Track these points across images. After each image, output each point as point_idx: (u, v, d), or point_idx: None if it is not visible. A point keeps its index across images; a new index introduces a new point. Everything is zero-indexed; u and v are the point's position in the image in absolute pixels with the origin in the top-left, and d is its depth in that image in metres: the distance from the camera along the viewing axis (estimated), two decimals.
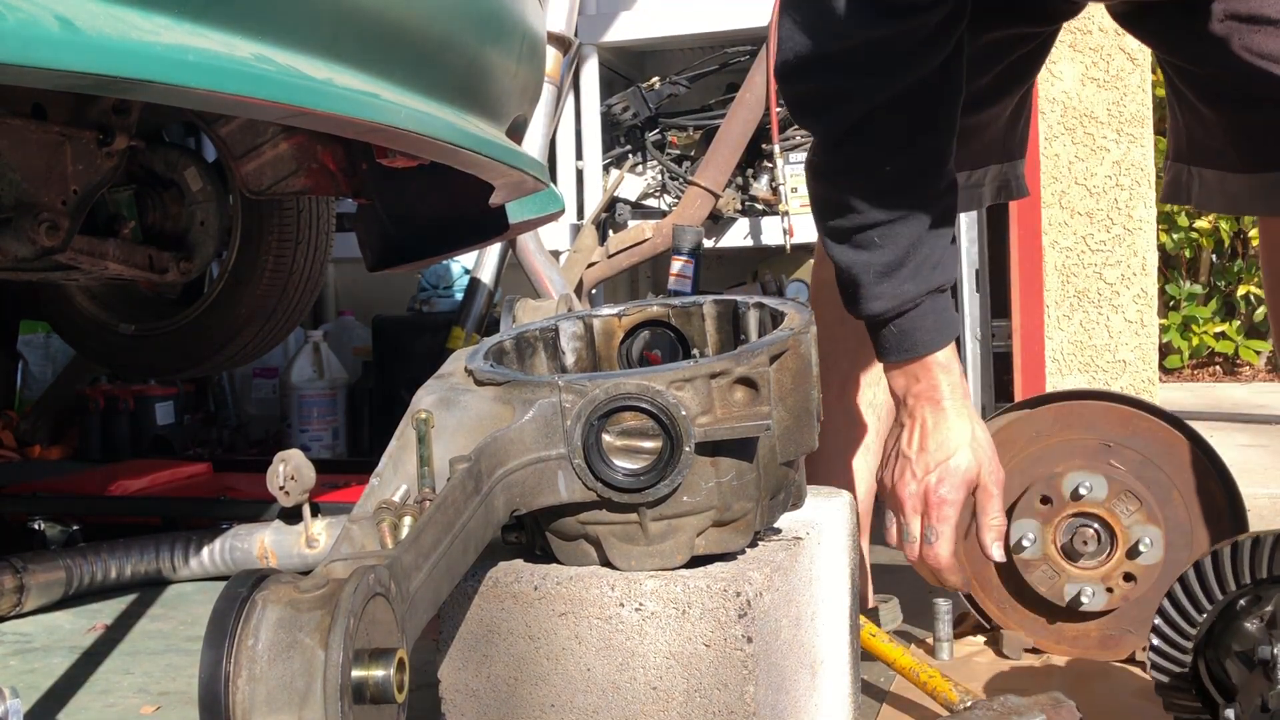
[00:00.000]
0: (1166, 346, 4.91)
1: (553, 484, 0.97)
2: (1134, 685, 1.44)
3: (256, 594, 0.70)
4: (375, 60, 1.40)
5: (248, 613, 0.69)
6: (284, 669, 0.67)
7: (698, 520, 0.98)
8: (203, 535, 2.09)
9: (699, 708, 0.94)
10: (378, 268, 2.22)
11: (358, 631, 0.68)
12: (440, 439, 0.96)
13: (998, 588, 1.57)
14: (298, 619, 0.68)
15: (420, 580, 0.81)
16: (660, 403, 0.94)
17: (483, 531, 0.91)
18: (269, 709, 0.67)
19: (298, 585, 0.71)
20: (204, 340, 2.63)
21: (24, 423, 3.39)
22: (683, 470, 0.94)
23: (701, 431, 0.95)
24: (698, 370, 0.96)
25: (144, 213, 2.42)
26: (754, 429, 0.96)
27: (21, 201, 1.72)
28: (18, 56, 0.91)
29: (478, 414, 0.98)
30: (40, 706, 1.52)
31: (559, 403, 0.96)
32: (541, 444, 0.96)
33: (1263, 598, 1.02)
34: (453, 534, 0.86)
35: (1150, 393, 2.65)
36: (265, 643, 0.68)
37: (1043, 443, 1.55)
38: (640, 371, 0.97)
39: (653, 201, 3.59)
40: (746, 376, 0.97)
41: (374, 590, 0.71)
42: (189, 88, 1.10)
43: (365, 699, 0.69)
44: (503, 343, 1.11)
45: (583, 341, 1.17)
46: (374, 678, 0.69)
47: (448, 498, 0.86)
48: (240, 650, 0.68)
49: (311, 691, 0.66)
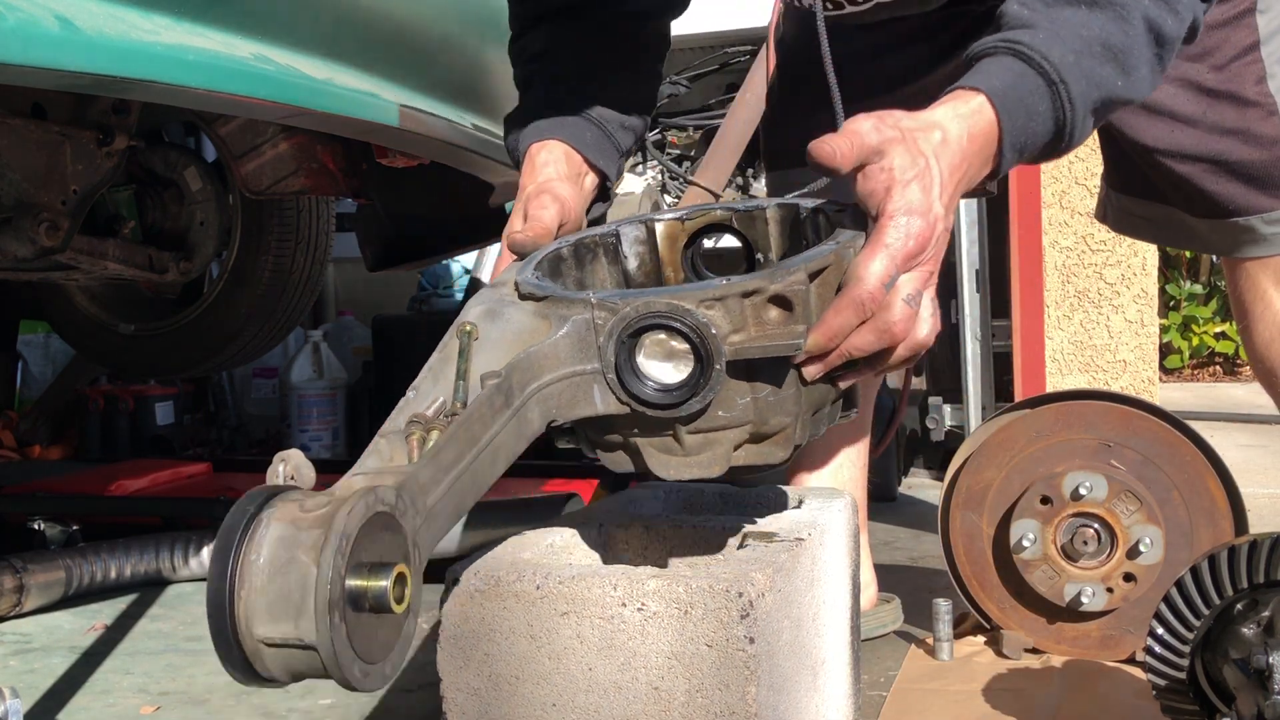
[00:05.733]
0: (1167, 346, 4.91)
1: (588, 397, 0.97)
2: (1134, 685, 1.44)
3: (264, 511, 0.75)
4: (375, 60, 1.40)
5: (254, 529, 0.74)
6: (282, 583, 0.72)
7: (734, 434, 0.98)
8: (203, 535, 2.09)
9: (700, 708, 0.94)
10: (378, 268, 2.22)
11: (357, 548, 0.73)
12: (481, 352, 0.96)
13: (998, 588, 1.57)
14: (297, 537, 0.73)
15: (439, 494, 0.84)
16: (690, 322, 0.93)
17: (514, 444, 0.93)
18: (269, 619, 0.72)
19: (303, 504, 0.76)
20: (204, 340, 2.63)
21: (24, 423, 3.39)
22: (714, 388, 0.94)
23: (732, 350, 0.94)
24: (730, 289, 0.94)
25: (144, 212, 2.42)
26: (785, 348, 0.95)
27: (21, 201, 1.72)
28: (18, 56, 0.91)
29: (518, 328, 0.98)
30: (40, 706, 1.52)
31: (592, 319, 0.96)
32: (576, 359, 0.97)
33: (1260, 602, 1.02)
34: (478, 448, 0.88)
35: (1150, 393, 2.66)
36: (266, 558, 0.73)
37: (1043, 443, 1.55)
38: (671, 290, 0.96)
39: None
40: (781, 295, 0.95)
41: (373, 509, 0.75)
42: (189, 87, 1.10)
43: (363, 609, 0.74)
44: (560, 249, 1.10)
45: (645, 246, 1.15)
46: (371, 588, 0.73)
47: (473, 413, 0.88)
48: (244, 564, 0.73)
49: (304, 605, 0.71)
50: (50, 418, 3.42)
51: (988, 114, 1.02)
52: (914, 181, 0.96)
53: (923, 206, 0.96)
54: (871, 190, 0.97)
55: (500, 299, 1.01)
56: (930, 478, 2.96)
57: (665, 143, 3.58)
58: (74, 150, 1.74)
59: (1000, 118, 1.02)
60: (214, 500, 2.30)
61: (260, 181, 1.99)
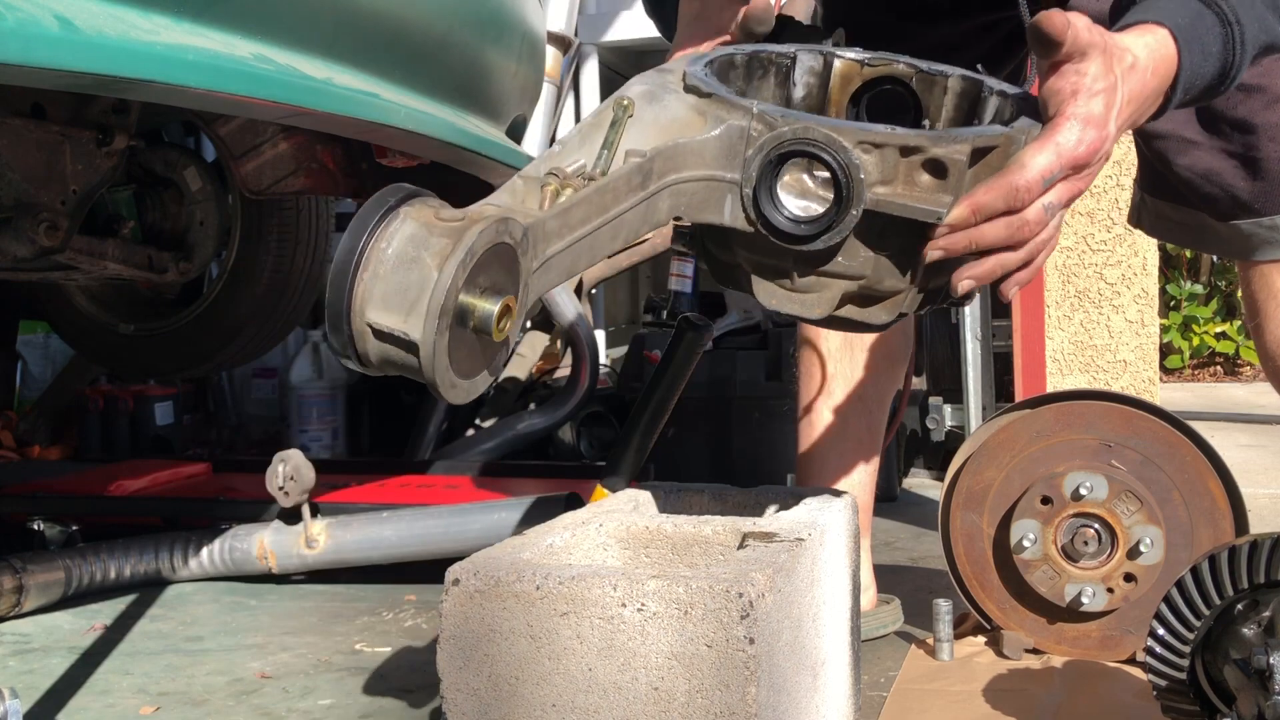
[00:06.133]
0: (1167, 346, 4.91)
1: (719, 205, 0.96)
2: (1135, 686, 1.44)
3: (403, 206, 0.77)
4: (375, 60, 1.40)
5: (389, 220, 0.76)
6: (403, 277, 0.75)
7: (846, 284, 0.97)
8: (202, 535, 2.09)
9: (700, 708, 0.94)
10: None
11: (477, 267, 0.75)
12: (632, 129, 0.95)
13: (998, 588, 1.57)
14: (427, 239, 0.75)
15: (559, 248, 0.85)
16: (842, 158, 0.91)
17: (639, 225, 0.93)
18: (383, 306, 0.75)
19: (439, 212, 0.77)
20: (204, 340, 2.63)
21: (23, 423, 3.39)
22: (843, 232, 0.92)
23: (874, 200, 0.92)
24: (890, 138, 0.92)
25: (143, 212, 2.42)
26: (926, 213, 0.93)
27: (21, 201, 1.72)
28: (18, 56, 0.91)
29: (673, 116, 0.97)
30: (40, 707, 1.52)
31: (747, 129, 0.94)
32: (720, 164, 0.95)
33: (1260, 602, 1.02)
34: (605, 217, 0.89)
35: (1151, 393, 2.65)
36: (394, 250, 0.75)
37: (1043, 443, 1.55)
38: (833, 121, 0.94)
39: None
40: (939, 159, 0.93)
41: (500, 237, 0.77)
42: (188, 87, 1.10)
43: (467, 325, 0.76)
44: (734, 56, 1.08)
45: (817, 79, 1.12)
46: (480, 308, 0.76)
47: (609, 183, 0.89)
48: (373, 250, 0.75)
49: (419, 303, 0.74)
50: (50, 418, 3.42)
51: (1170, 49, 1.01)
52: (1101, 94, 0.96)
53: (1100, 120, 0.96)
54: (1058, 89, 0.96)
55: (664, 84, 1.00)
56: (930, 478, 2.96)
57: None
58: (74, 150, 1.74)
59: (1181, 54, 1.01)
60: (214, 500, 2.30)
61: (260, 181, 1.99)
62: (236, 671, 1.65)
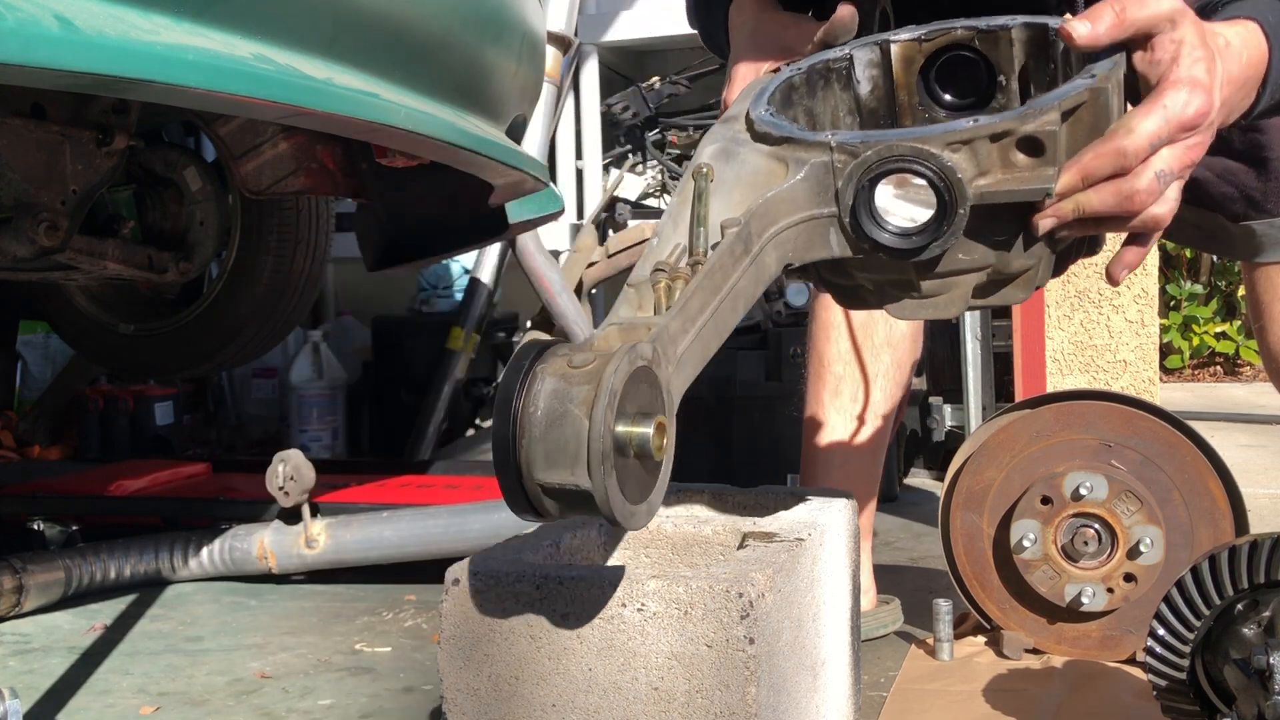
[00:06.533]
0: (1167, 346, 4.91)
1: (824, 241, 0.96)
2: (1135, 686, 1.44)
3: (536, 366, 0.81)
4: (374, 60, 1.40)
5: (530, 383, 0.80)
6: (558, 434, 0.78)
7: (974, 277, 0.97)
8: (202, 535, 2.09)
9: (700, 709, 0.94)
10: (378, 268, 2.22)
11: (622, 400, 0.78)
12: (718, 194, 0.96)
13: (998, 588, 1.57)
14: (569, 391, 0.79)
15: (687, 343, 0.88)
16: (935, 165, 0.90)
17: (753, 289, 0.94)
18: (547, 466, 0.78)
19: (570, 359, 0.81)
20: (204, 340, 2.63)
21: (23, 423, 3.39)
22: (955, 233, 0.91)
23: (978, 194, 0.91)
24: (977, 131, 0.91)
25: (143, 212, 2.42)
26: (1033, 193, 0.92)
27: (21, 201, 1.72)
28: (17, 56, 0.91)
29: (754, 169, 0.97)
30: (39, 707, 1.52)
31: (830, 163, 0.94)
32: (813, 203, 0.95)
33: (1260, 602, 1.02)
34: (720, 296, 0.91)
35: (1151, 393, 2.65)
36: (543, 411, 0.79)
37: (1043, 443, 1.55)
38: (915, 132, 0.94)
39: (653, 201, 3.60)
40: (1032, 136, 0.91)
41: (635, 364, 0.80)
42: (188, 87, 1.09)
43: (629, 455, 0.80)
44: (792, 78, 1.07)
45: (879, 70, 1.10)
46: (635, 436, 0.79)
47: (716, 263, 0.90)
48: (524, 416, 0.79)
49: (579, 455, 0.77)
50: (50, 418, 3.42)
51: (1260, 43, 0.99)
52: (1201, 60, 0.94)
53: (1205, 85, 0.93)
54: (1157, 59, 0.94)
55: (734, 137, 1.00)
56: (930, 478, 2.96)
57: (665, 143, 3.58)
58: (73, 150, 1.74)
59: (1271, 49, 0.99)
60: (214, 500, 2.30)
61: (260, 181, 1.98)
62: (236, 671, 1.65)
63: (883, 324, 1.69)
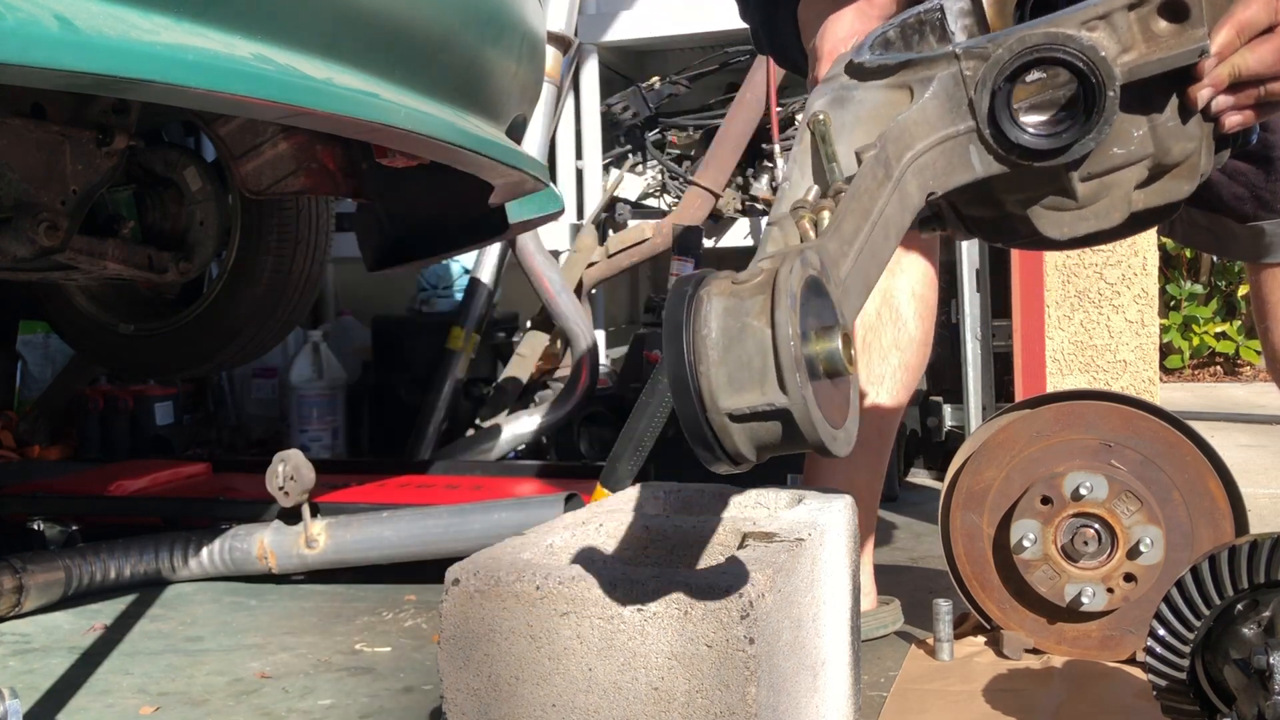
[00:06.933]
0: (1167, 346, 4.91)
1: (965, 161, 0.91)
2: (1135, 686, 1.44)
3: (700, 290, 0.73)
4: (374, 60, 1.40)
5: (696, 307, 0.72)
6: (739, 352, 0.70)
7: (1133, 172, 0.91)
8: (202, 535, 2.09)
9: (700, 708, 0.94)
10: (378, 268, 2.22)
11: (802, 311, 0.71)
12: (841, 136, 0.90)
13: (998, 588, 1.57)
14: (742, 305, 0.71)
15: (848, 267, 0.81)
16: (1074, 48, 0.85)
17: (900, 217, 0.88)
18: (733, 390, 0.70)
19: (734, 278, 0.74)
20: (204, 340, 2.63)
21: (23, 423, 3.39)
22: (1108, 120, 0.86)
23: (1126, 71, 0.86)
24: (1112, 4, 0.85)
25: (143, 212, 2.42)
26: (1187, 55, 0.86)
27: (21, 201, 1.72)
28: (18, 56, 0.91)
29: (873, 105, 0.92)
30: (40, 706, 1.52)
31: (959, 72, 0.89)
32: (948, 120, 0.90)
33: (1260, 602, 1.02)
34: (870, 220, 0.84)
35: (1151, 393, 2.65)
36: (717, 330, 0.71)
37: (1043, 443, 1.55)
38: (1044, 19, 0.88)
39: (653, 201, 3.60)
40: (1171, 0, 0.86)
41: (808, 270, 0.73)
42: (188, 87, 1.10)
43: (819, 374, 0.71)
44: (886, 33, 1.02)
45: (972, 17, 1.05)
46: (823, 351, 0.71)
47: (859, 185, 0.84)
48: (697, 341, 0.71)
49: (767, 366, 0.69)
50: (50, 418, 3.42)
51: None
52: None
53: None
54: None
55: (842, 85, 0.95)
56: (930, 478, 2.96)
57: (665, 143, 3.58)
58: (73, 150, 1.74)
59: None
60: (214, 500, 2.30)
61: (260, 181, 1.98)
62: (236, 671, 1.65)
63: (891, 327, 1.69)
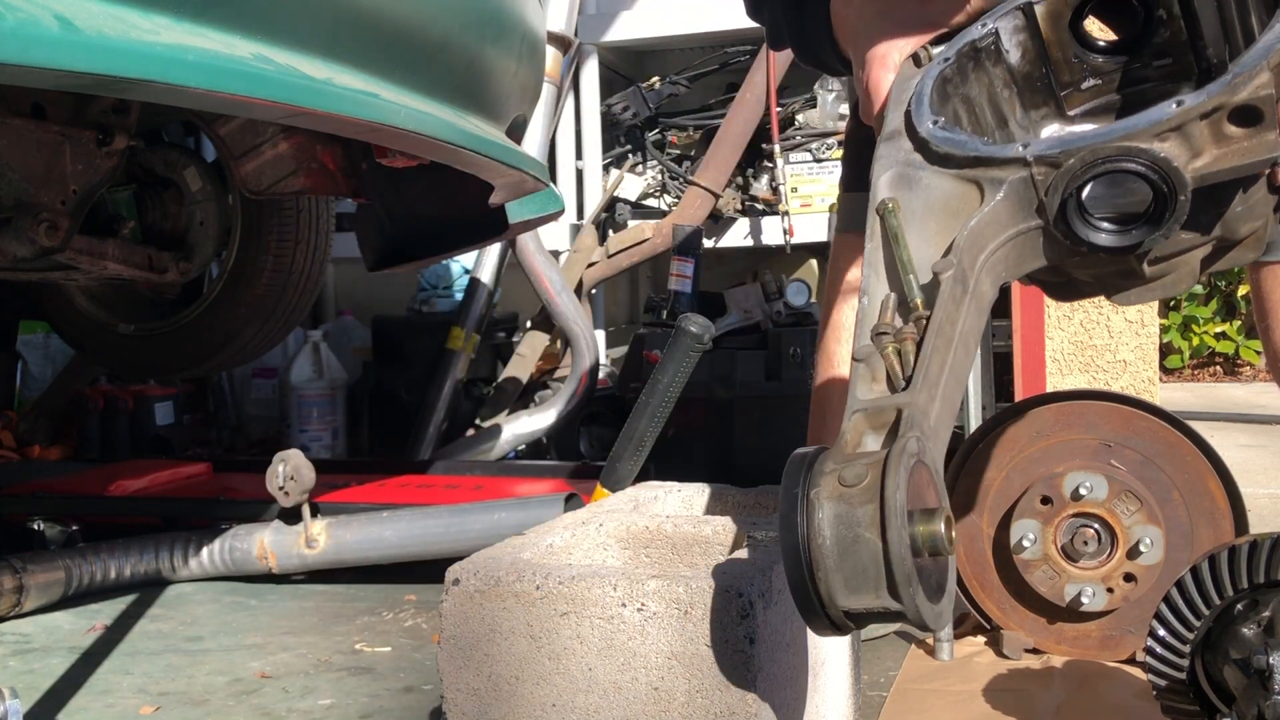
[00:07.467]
0: (1167, 346, 4.91)
1: (1035, 251, 0.92)
2: (1134, 686, 1.44)
3: (810, 493, 0.79)
4: (375, 60, 1.40)
5: (810, 513, 0.78)
6: (854, 561, 0.76)
7: (1201, 250, 0.93)
8: (202, 535, 2.09)
9: (700, 708, 0.94)
10: (378, 268, 2.22)
11: (909, 512, 0.76)
12: (910, 227, 0.92)
13: (998, 588, 1.57)
14: (853, 514, 0.77)
15: (937, 410, 0.85)
16: (1146, 160, 0.86)
17: (978, 323, 0.91)
18: (850, 593, 0.77)
19: (843, 477, 0.79)
20: (204, 340, 2.63)
21: (23, 423, 3.39)
22: (1179, 220, 0.87)
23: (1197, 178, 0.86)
24: (1186, 114, 0.86)
25: (143, 213, 2.42)
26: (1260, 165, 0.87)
27: (21, 201, 1.72)
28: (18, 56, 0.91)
29: (944, 196, 0.93)
30: (40, 706, 1.52)
31: (1030, 177, 0.90)
32: (1019, 219, 0.91)
33: (1260, 602, 1.02)
34: (954, 346, 0.88)
35: (1151, 393, 2.65)
36: (831, 540, 0.77)
37: (1043, 443, 1.55)
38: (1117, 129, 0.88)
39: (653, 201, 3.59)
40: (1245, 106, 0.86)
41: (910, 464, 0.78)
42: (188, 87, 1.10)
43: (921, 554, 0.77)
44: (944, 70, 1.02)
45: (1026, 34, 1.05)
46: (927, 535, 0.77)
47: (943, 316, 0.86)
48: (815, 549, 0.77)
49: (880, 579, 0.76)
50: (50, 418, 3.42)
51: None
52: None
53: None
54: None
55: (908, 161, 0.95)
56: None
57: (665, 143, 3.58)
58: (74, 150, 1.74)
59: None
60: (214, 500, 2.30)
61: (260, 181, 1.98)
62: (236, 671, 1.65)
63: None
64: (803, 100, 3.40)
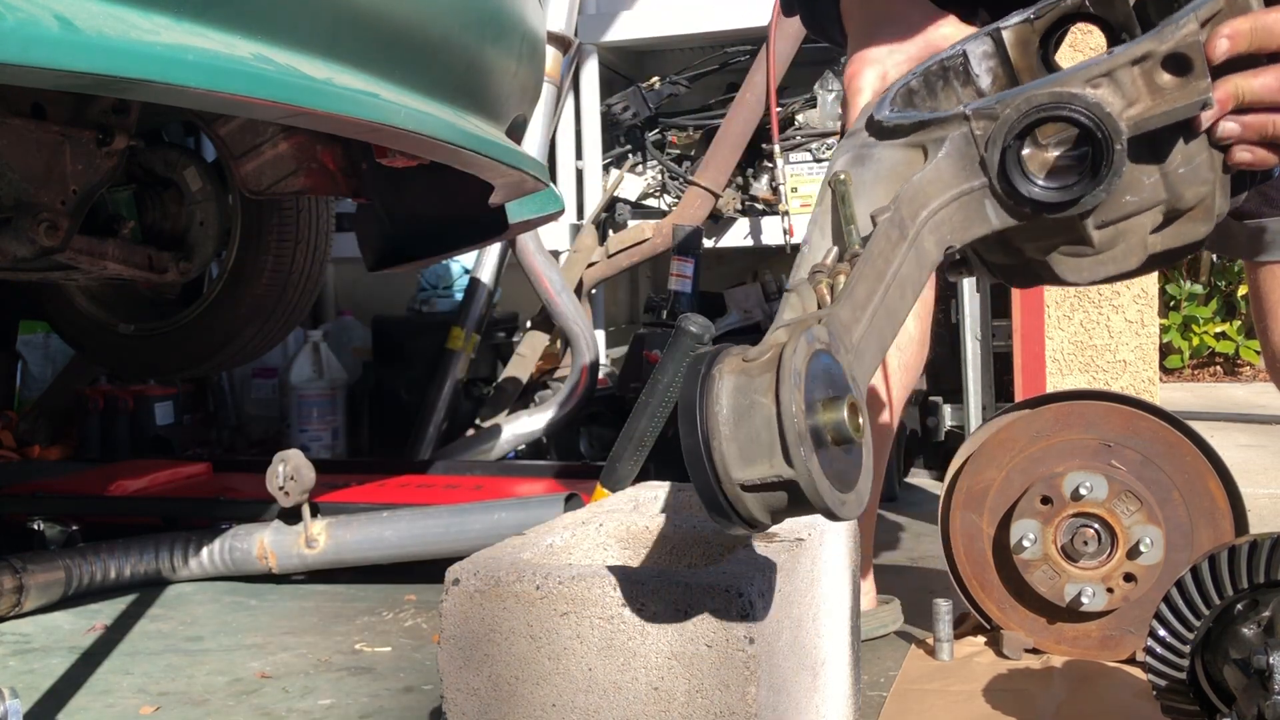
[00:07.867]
0: (1167, 346, 4.92)
1: (981, 215, 0.94)
2: (1134, 686, 1.44)
3: (713, 368, 0.78)
4: (375, 60, 1.40)
5: (708, 385, 0.77)
6: (749, 428, 0.75)
7: (1147, 218, 0.93)
8: (202, 535, 2.09)
9: (700, 708, 0.94)
10: (378, 268, 2.22)
11: (806, 384, 0.75)
12: (860, 196, 0.94)
13: (998, 588, 1.57)
14: (751, 383, 0.76)
15: (861, 331, 0.85)
16: (1080, 105, 0.88)
17: (917, 274, 0.91)
18: (744, 463, 0.75)
19: (745, 355, 0.79)
20: (204, 340, 2.64)
21: (23, 423, 3.39)
22: (1117, 171, 0.88)
23: (1131, 124, 0.88)
24: (1116, 61, 0.88)
25: (143, 213, 2.42)
26: (1191, 108, 0.88)
27: (21, 201, 1.72)
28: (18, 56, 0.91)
29: (891, 163, 0.95)
30: (40, 706, 1.52)
31: (970, 132, 0.92)
32: (962, 177, 0.93)
33: (1260, 602, 1.02)
34: (885, 282, 0.88)
35: (1151, 393, 2.65)
36: (727, 408, 0.76)
37: (1043, 443, 1.55)
38: (1050, 78, 0.91)
39: (653, 201, 3.59)
40: (1175, 53, 0.88)
41: (813, 346, 0.77)
42: (188, 87, 1.10)
43: (826, 443, 0.76)
44: (910, 83, 1.05)
45: (996, 59, 1.08)
46: (830, 421, 0.76)
47: (873, 248, 0.88)
48: (709, 417, 0.76)
49: (774, 442, 0.74)
50: (50, 418, 3.42)
51: None
52: None
53: None
54: None
55: (863, 143, 0.98)
56: (930, 478, 2.96)
57: (665, 143, 3.58)
58: (74, 150, 1.74)
59: None
60: (214, 500, 2.30)
61: (260, 181, 1.99)
62: (236, 671, 1.65)
63: None
64: (803, 100, 3.40)
